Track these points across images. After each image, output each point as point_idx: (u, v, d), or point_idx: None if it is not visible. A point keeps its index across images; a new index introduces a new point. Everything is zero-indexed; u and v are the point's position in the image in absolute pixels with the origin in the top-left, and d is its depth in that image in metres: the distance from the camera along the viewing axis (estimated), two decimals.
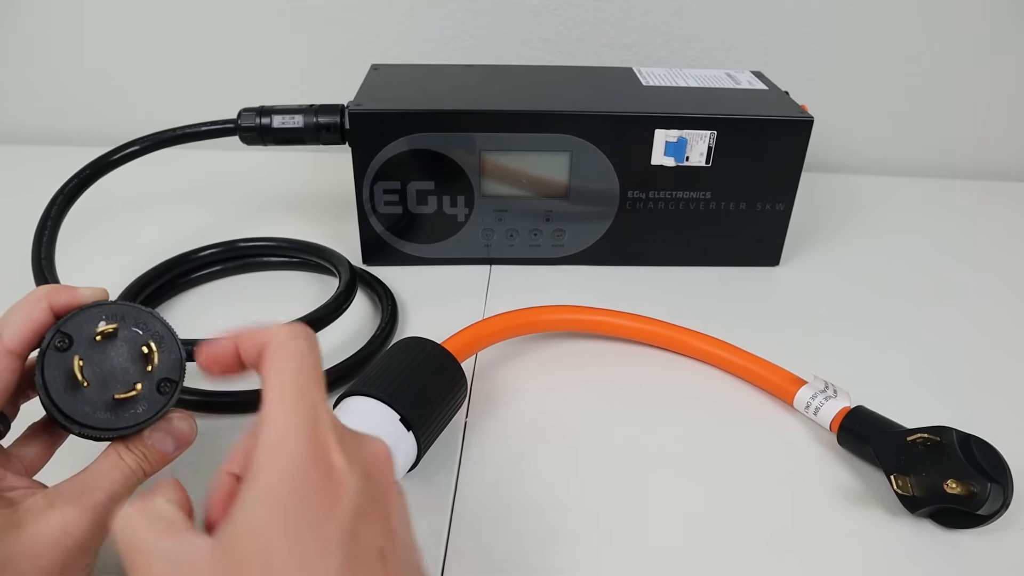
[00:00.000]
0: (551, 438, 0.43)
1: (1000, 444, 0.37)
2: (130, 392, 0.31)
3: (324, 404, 0.26)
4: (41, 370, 0.30)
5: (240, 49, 0.76)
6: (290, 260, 0.58)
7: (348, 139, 0.54)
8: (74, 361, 0.30)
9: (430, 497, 0.39)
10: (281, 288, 0.57)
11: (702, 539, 0.37)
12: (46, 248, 0.49)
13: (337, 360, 0.47)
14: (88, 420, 0.31)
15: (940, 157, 0.80)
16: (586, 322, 0.50)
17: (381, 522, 0.25)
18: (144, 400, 0.31)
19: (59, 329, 0.31)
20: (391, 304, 0.53)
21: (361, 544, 0.24)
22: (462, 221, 0.57)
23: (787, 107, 0.56)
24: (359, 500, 0.24)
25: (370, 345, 0.49)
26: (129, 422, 0.31)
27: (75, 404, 0.30)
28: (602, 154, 0.55)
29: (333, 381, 0.45)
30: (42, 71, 0.79)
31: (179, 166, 0.75)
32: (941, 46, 0.74)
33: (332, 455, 0.25)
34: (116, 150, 0.53)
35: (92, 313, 0.31)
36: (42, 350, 0.30)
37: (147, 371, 0.32)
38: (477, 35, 0.75)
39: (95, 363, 0.31)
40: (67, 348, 0.31)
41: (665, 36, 0.74)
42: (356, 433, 0.27)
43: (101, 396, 0.31)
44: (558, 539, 0.37)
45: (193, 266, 0.55)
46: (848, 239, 0.66)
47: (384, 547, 0.25)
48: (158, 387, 0.32)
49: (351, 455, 0.25)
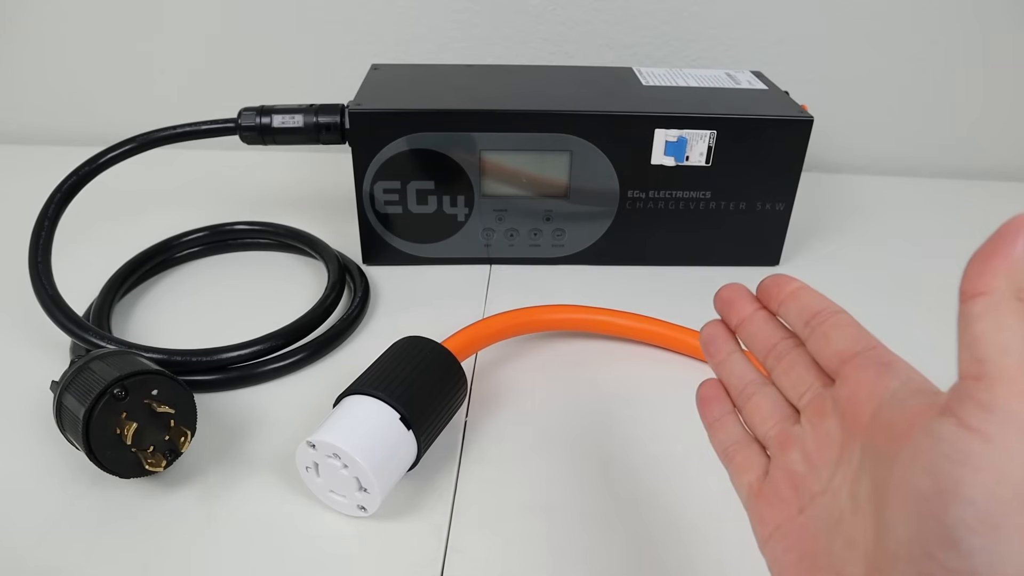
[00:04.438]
0: (551, 438, 0.43)
1: None
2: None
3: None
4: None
5: (240, 49, 0.77)
6: (272, 242, 0.61)
7: (348, 139, 0.54)
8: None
9: (430, 497, 0.39)
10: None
11: (702, 539, 0.37)
12: (43, 249, 0.48)
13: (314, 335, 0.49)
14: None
15: (940, 157, 0.80)
16: (586, 322, 0.50)
17: None
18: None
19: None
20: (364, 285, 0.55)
21: None
22: (462, 221, 0.57)
23: (787, 107, 0.56)
24: None
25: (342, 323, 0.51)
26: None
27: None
28: (602, 154, 0.55)
29: (306, 356, 0.49)
30: (42, 71, 0.79)
31: (179, 165, 0.75)
32: (940, 46, 0.74)
33: None
34: (114, 147, 0.53)
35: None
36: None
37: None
38: (477, 35, 0.75)
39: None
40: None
41: (665, 36, 0.74)
42: None
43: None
44: (558, 539, 0.37)
45: (178, 251, 0.59)
46: (848, 239, 0.66)
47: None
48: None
49: None
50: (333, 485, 0.37)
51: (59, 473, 0.40)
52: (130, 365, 0.38)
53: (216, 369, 0.46)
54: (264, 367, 0.47)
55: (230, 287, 0.57)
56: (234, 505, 0.39)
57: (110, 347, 0.43)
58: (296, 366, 0.48)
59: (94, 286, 0.53)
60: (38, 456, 0.41)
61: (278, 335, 0.48)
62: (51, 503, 0.38)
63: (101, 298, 0.51)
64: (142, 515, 0.38)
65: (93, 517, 0.38)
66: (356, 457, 0.35)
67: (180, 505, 0.38)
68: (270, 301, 0.54)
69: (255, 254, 0.61)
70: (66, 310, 0.46)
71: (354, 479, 0.36)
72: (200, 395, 0.41)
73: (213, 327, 0.51)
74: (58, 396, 0.38)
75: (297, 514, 0.38)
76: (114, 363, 0.38)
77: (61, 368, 0.40)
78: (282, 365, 0.47)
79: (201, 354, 0.46)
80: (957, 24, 0.73)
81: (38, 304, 0.47)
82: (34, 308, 0.47)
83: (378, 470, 0.36)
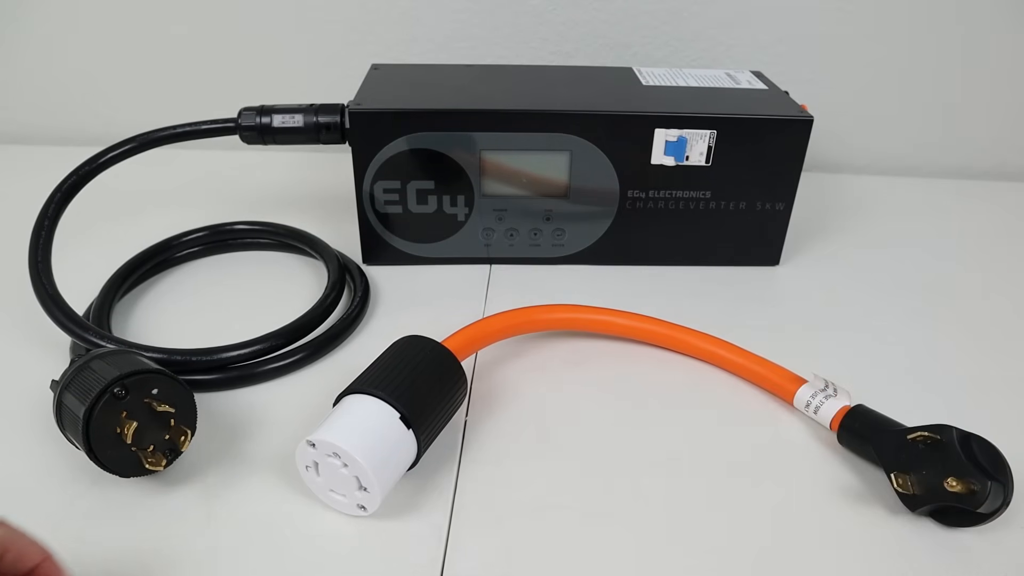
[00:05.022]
0: (551, 438, 0.43)
1: (1000, 442, 0.37)
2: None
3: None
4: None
5: (240, 49, 0.77)
6: (272, 242, 0.61)
7: (348, 138, 0.54)
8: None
9: (430, 497, 0.39)
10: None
11: (702, 538, 0.37)
12: (43, 249, 0.48)
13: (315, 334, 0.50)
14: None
15: (940, 157, 0.80)
16: (586, 321, 0.50)
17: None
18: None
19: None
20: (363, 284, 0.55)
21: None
22: (462, 220, 0.57)
23: (787, 107, 0.56)
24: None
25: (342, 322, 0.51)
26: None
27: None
28: (602, 153, 0.55)
29: (306, 356, 0.49)
30: (42, 71, 0.79)
31: (179, 165, 0.75)
32: (941, 46, 0.74)
33: None
34: (114, 147, 0.53)
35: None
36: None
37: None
38: (477, 35, 0.75)
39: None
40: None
41: (665, 36, 0.74)
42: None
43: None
44: (558, 539, 0.37)
45: (178, 251, 0.59)
46: (848, 239, 0.66)
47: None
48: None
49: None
50: (333, 484, 0.37)
51: (59, 473, 0.40)
52: (130, 364, 0.38)
53: (216, 369, 0.46)
54: (264, 367, 0.47)
55: (230, 287, 0.57)
56: (234, 505, 0.38)
57: (110, 346, 0.43)
58: (296, 366, 0.48)
59: (94, 286, 0.53)
60: (38, 456, 0.41)
61: (278, 335, 0.48)
62: (51, 503, 0.38)
63: (101, 298, 0.52)
64: (142, 515, 0.38)
65: (93, 517, 0.38)
66: (356, 456, 0.35)
67: (180, 505, 0.38)
68: (270, 301, 0.54)
69: (255, 254, 0.61)
70: (66, 310, 0.46)
71: (354, 478, 0.36)
72: (200, 394, 0.41)
73: (213, 327, 0.51)
74: (58, 395, 0.38)
75: (297, 513, 0.38)
76: (114, 362, 0.38)
77: (61, 367, 0.40)
78: (282, 365, 0.47)
79: (201, 353, 0.46)
80: (957, 24, 0.73)
81: (38, 304, 0.47)
82: (34, 308, 0.47)
83: (378, 469, 0.36)
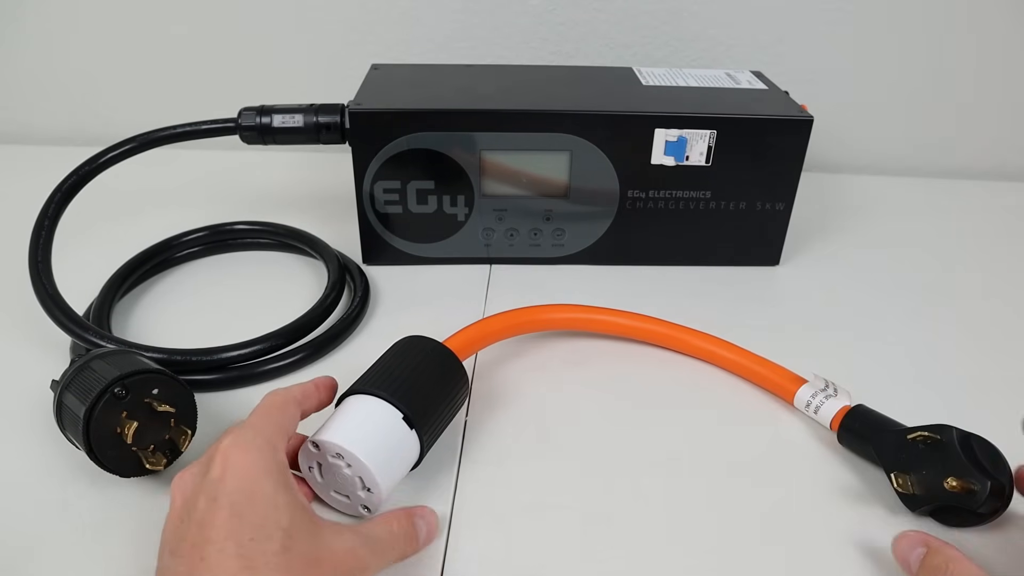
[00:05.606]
0: (551, 437, 0.43)
1: (1000, 442, 0.37)
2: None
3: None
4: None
5: (240, 49, 0.77)
6: (272, 242, 0.61)
7: (348, 138, 0.54)
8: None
9: (430, 496, 0.39)
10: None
11: (702, 538, 0.37)
12: (43, 248, 0.49)
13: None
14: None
15: (940, 157, 0.80)
16: (586, 321, 0.50)
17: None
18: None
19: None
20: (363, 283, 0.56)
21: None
22: (462, 220, 0.57)
23: (787, 107, 0.56)
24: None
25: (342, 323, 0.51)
26: None
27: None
28: (602, 153, 0.55)
29: (306, 356, 0.49)
30: (42, 71, 0.79)
31: (179, 165, 0.75)
32: (940, 46, 0.74)
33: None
34: (114, 147, 0.53)
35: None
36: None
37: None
38: (477, 35, 0.75)
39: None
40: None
41: (665, 36, 0.74)
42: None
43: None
44: (558, 539, 0.37)
45: (178, 251, 0.59)
46: (848, 239, 0.66)
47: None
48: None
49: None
50: (336, 485, 0.37)
51: (59, 473, 0.40)
52: (130, 364, 0.38)
53: (216, 368, 0.46)
54: (264, 367, 0.47)
55: (230, 287, 0.57)
56: None
57: (110, 346, 0.43)
58: (296, 366, 0.48)
59: (94, 286, 0.53)
60: (38, 456, 0.41)
61: (278, 335, 0.48)
62: (51, 503, 0.38)
63: (101, 298, 0.52)
64: (142, 514, 0.38)
65: (93, 517, 0.38)
66: (360, 457, 0.35)
67: None
68: (270, 301, 0.54)
69: (255, 254, 0.61)
70: (66, 309, 0.46)
71: (357, 479, 0.36)
72: (200, 394, 0.41)
73: (213, 327, 0.51)
74: (58, 395, 0.38)
75: None
76: (114, 362, 0.38)
77: (61, 367, 0.40)
78: (282, 365, 0.47)
79: (201, 353, 0.46)
80: (957, 24, 0.73)
81: (38, 304, 0.47)
82: (34, 308, 0.47)
83: (382, 470, 0.36)
